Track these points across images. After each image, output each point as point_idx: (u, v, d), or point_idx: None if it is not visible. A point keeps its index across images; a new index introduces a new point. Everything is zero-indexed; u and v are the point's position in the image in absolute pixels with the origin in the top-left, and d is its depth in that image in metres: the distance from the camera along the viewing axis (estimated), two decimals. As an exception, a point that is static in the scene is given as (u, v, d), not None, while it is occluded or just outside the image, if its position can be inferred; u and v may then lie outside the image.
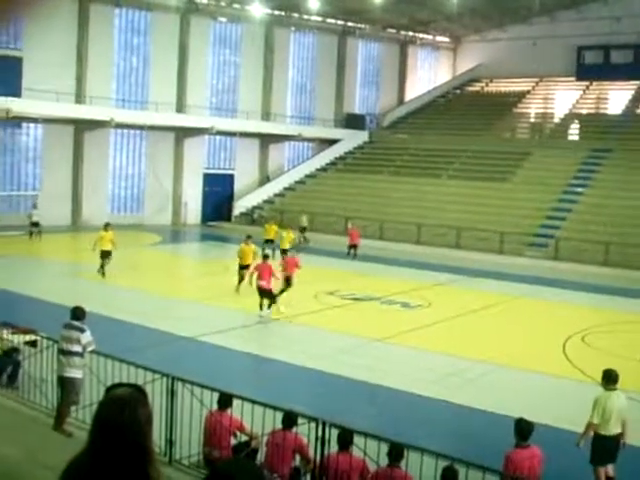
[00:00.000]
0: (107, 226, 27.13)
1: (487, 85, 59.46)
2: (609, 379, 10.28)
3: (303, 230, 39.72)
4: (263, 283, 20.92)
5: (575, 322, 22.15)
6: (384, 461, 8.80)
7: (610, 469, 10.20)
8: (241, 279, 24.28)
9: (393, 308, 23.50)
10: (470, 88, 59.98)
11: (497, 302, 25.21)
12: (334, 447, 9.10)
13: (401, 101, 58.97)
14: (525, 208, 38.86)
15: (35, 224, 36.57)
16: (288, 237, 31.25)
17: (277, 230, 33.12)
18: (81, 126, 42.17)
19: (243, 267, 24.59)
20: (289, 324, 20.73)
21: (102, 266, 26.43)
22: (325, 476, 9.19)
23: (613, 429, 10.09)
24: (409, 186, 43.76)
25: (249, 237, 25.90)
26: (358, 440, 9.05)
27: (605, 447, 10.08)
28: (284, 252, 29.44)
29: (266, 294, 21.02)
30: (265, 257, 22.54)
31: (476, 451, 10.14)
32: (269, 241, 32.32)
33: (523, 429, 9.09)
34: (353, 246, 34.39)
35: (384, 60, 57.72)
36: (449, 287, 28.15)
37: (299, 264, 23.47)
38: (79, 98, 41.84)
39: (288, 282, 22.91)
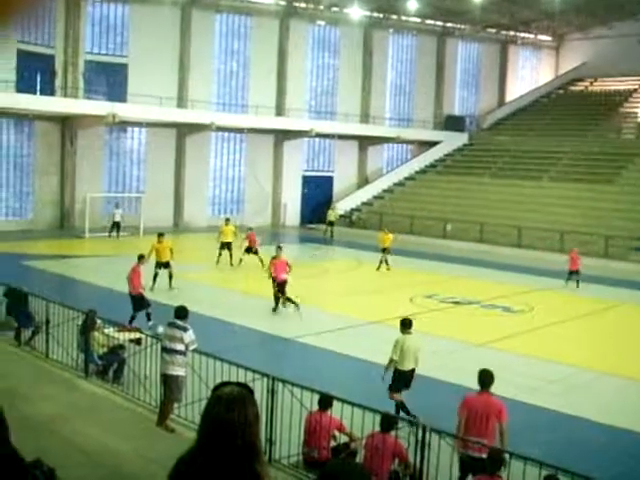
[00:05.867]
0: (227, 221, 31.00)
1: (591, 84, 57.86)
2: (404, 325, 12.95)
3: (330, 224, 42.78)
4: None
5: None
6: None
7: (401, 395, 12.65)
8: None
9: (494, 312, 23.08)
10: (573, 88, 58.52)
11: (602, 308, 24.47)
12: (434, 451, 8.96)
13: (502, 102, 58.00)
14: (631, 211, 37.54)
15: (117, 224, 37.51)
16: (387, 238, 30.91)
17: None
18: (183, 129, 43.15)
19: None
20: (387, 327, 20.59)
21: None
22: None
23: (408, 365, 12.67)
24: (510, 188, 42.99)
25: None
26: (459, 445, 8.90)
27: (402, 378, 12.66)
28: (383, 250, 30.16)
29: None
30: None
31: (579, 460, 9.84)
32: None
33: None
34: (574, 272, 28.22)
35: (484, 60, 56.92)
36: (551, 291, 27.44)
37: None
38: (181, 102, 42.83)
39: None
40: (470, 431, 9.52)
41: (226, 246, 29.28)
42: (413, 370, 12.78)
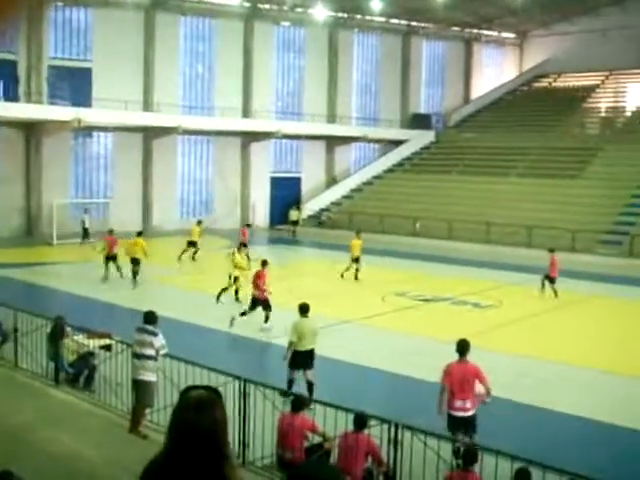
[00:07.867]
0: (199, 222, 33.21)
1: (555, 80, 58.44)
2: (302, 310, 13.86)
3: (294, 224, 44.28)
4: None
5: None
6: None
7: (309, 374, 13.36)
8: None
9: (464, 309, 23.23)
10: (537, 84, 59.09)
11: (570, 301, 24.68)
12: (407, 448, 8.99)
13: (467, 100, 58.41)
14: (597, 205, 38.03)
15: (86, 230, 36.98)
16: (356, 244, 29.02)
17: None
18: (149, 133, 42.92)
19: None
20: (358, 326, 20.64)
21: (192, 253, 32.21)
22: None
23: (307, 345, 13.46)
24: (477, 185, 43.27)
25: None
26: (431, 442, 8.94)
27: (299, 357, 13.42)
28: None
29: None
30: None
31: (552, 453, 9.94)
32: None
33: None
34: (551, 279, 25.29)
35: (449, 59, 57.28)
36: (520, 287, 27.65)
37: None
38: (147, 106, 42.61)
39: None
40: (454, 395, 10.60)
41: (192, 244, 32.04)
42: (312, 350, 13.54)
